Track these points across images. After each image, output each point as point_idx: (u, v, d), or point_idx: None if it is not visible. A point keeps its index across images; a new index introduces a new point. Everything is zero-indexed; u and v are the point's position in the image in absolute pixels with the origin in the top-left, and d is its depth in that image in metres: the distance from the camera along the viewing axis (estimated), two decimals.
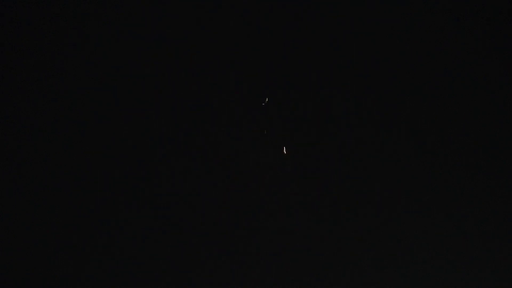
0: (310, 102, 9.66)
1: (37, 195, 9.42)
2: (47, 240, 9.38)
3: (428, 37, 9.72)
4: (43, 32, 9.53)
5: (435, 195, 9.61)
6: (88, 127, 9.54)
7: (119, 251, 9.42)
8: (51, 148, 9.50)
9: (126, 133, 9.56)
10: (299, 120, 9.66)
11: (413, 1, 9.71)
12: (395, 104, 9.69)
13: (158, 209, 9.54)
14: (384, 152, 9.65)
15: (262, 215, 9.56)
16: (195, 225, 9.53)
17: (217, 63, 9.67)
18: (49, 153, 9.50)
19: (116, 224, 9.49)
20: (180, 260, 9.47)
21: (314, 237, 9.51)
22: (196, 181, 9.58)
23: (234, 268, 9.45)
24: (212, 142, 9.62)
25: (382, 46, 9.71)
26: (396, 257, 9.48)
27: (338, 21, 9.70)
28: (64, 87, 9.57)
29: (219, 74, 9.64)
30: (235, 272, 9.44)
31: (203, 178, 9.58)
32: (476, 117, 9.69)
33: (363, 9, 9.70)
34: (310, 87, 9.68)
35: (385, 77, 9.71)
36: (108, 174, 9.51)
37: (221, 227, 9.53)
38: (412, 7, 9.69)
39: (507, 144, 9.59)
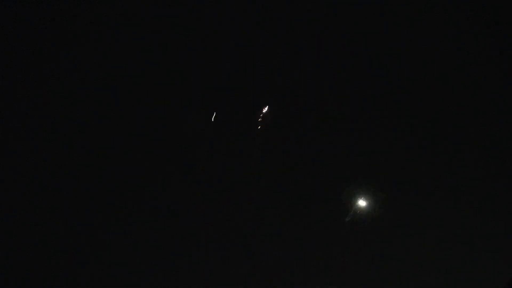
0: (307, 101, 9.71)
1: (36, 194, 9.47)
2: (47, 239, 9.43)
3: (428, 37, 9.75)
4: (43, 32, 9.57)
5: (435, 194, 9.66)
6: (87, 126, 9.59)
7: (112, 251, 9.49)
8: (50, 148, 9.54)
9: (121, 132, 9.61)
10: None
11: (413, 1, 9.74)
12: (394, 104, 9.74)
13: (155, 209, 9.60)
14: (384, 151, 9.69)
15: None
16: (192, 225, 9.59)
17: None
18: (48, 153, 9.54)
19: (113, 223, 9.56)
20: (178, 260, 9.52)
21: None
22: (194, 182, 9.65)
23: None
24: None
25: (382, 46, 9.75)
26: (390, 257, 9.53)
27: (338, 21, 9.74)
28: (64, 87, 9.62)
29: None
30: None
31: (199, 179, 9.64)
32: (476, 116, 9.72)
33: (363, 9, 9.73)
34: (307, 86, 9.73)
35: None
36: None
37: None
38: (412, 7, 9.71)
39: (507, 144, 9.60)
